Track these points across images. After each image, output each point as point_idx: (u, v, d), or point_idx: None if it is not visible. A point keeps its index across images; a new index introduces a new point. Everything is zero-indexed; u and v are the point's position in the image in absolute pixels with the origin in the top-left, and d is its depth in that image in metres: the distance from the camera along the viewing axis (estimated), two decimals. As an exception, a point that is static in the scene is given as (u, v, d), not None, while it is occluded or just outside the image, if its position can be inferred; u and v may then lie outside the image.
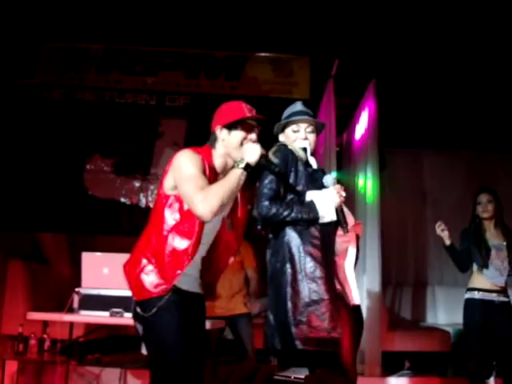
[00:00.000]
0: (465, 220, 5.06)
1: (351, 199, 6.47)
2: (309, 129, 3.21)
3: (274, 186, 3.02)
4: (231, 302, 5.30)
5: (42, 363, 5.12)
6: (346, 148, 7.23)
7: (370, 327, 5.78)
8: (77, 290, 4.64)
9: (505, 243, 4.88)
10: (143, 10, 6.60)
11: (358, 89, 6.52)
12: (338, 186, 3.09)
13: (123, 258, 4.62)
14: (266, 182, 3.04)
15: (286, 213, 2.97)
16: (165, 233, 2.78)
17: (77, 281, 4.80)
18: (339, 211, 3.05)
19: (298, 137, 3.19)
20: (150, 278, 2.78)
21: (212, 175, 2.76)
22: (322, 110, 6.37)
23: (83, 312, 4.57)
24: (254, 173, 2.85)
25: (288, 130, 3.25)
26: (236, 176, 2.65)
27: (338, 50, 6.47)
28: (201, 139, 3.00)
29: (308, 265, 2.97)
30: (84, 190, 7.11)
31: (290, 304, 2.95)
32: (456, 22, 6.19)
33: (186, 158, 2.75)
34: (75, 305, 4.60)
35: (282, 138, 3.29)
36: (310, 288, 2.94)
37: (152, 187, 7.12)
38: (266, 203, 2.99)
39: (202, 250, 2.87)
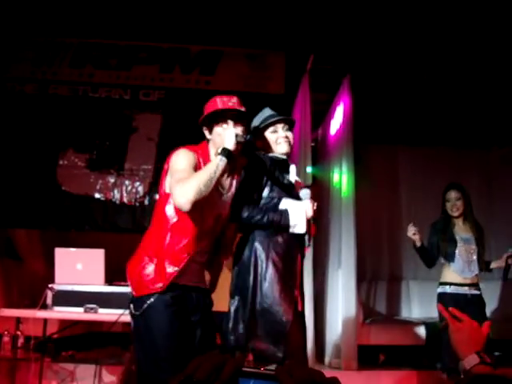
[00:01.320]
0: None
1: (326, 194, 6.49)
2: (285, 127, 3.27)
3: (248, 191, 3.05)
4: None
5: (15, 360, 5.07)
6: (322, 143, 7.24)
7: (346, 321, 5.82)
8: (50, 286, 4.60)
9: (474, 237, 4.95)
10: (117, 3, 6.55)
11: (333, 84, 6.53)
12: (312, 201, 3.13)
13: (97, 253, 4.65)
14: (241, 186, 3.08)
15: (258, 217, 3.02)
16: (165, 231, 2.84)
17: (50, 277, 4.76)
18: (308, 225, 3.10)
19: (279, 136, 3.24)
20: (150, 275, 2.81)
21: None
22: (297, 105, 6.37)
23: (57, 308, 4.54)
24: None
25: (266, 134, 3.29)
26: (214, 164, 2.70)
27: (313, 45, 6.46)
28: (175, 134, 3.05)
29: (269, 272, 3.00)
30: (57, 186, 7.03)
31: (242, 305, 3.02)
32: (431, 16, 6.22)
33: (177, 155, 2.83)
34: (49, 301, 4.56)
35: (259, 143, 3.32)
36: (266, 294, 2.97)
37: (127, 182, 7.07)
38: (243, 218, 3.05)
39: (202, 244, 2.92)
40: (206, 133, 2.96)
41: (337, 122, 6.43)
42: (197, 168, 2.82)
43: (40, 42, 7.28)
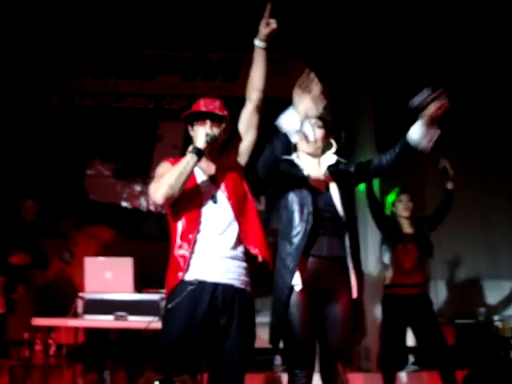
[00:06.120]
0: (463, 212, 5.09)
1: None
2: (317, 123, 3.26)
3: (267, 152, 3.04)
4: None
5: (48, 368, 5.14)
6: (345, 146, 7.23)
7: (373, 323, 5.80)
8: (80, 294, 4.66)
9: None
10: (139, 14, 6.63)
11: (354, 88, 6.53)
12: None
13: (125, 261, 4.70)
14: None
15: (267, 151, 3.01)
16: (174, 230, 2.95)
17: (81, 286, 4.83)
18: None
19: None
20: (172, 268, 2.91)
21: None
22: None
23: (87, 316, 4.59)
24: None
25: None
26: (184, 161, 2.88)
27: (333, 50, 6.48)
28: (199, 141, 3.08)
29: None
30: (85, 195, 7.15)
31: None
32: (451, 22, 6.21)
33: (158, 167, 3.05)
34: (79, 309, 4.62)
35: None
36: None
37: (153, 190, 7.14)
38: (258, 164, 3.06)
39: (217, 238, 2.91)
40: (190, 129, 3.12)
41: (358, 125, 6.44)
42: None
43: (64, 55, 7.39)
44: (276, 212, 3.20)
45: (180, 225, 2.93)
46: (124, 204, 7.16)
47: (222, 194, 2.98)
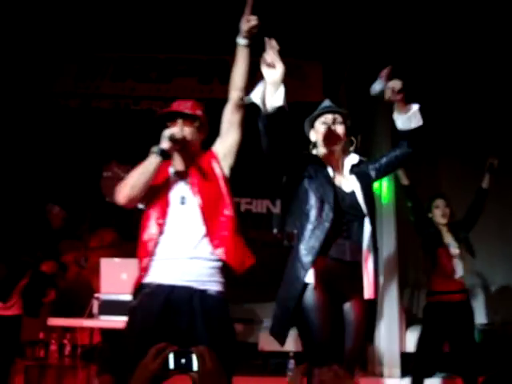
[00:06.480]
0: (480, 223, 5.06)
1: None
2: (338, 120, 3.23)
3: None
4: None
5: (62, 368, 5.17)
6: (363, 148, 7.22)
7: (389, 328, 5.79)
8: (96, 295, 4.69)
9: None
10: (156, 17, 6.66)
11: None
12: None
13: (141, 263, 4.71)
14: None
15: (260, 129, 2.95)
16: (140, 235, 2.97)
17: (96, 286, 4.86)
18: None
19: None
20: (138, 268, 2.89)
21: (163, 172, 3.00)
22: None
23: (103, 317, 4.62)
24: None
25: (317, 124, 3.26)
26: (147, 162, 2.94)
27: (350, 54, 6.47)
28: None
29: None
30: (102, 197, 7.18)
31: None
32: (465, 27, 6.20)
33: None
34: (95, 310, 4.65)
35: (312, 135, 3.29)
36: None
37: (169, 193, 7.16)
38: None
39: (179, 240, 2.83)
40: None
41: (375, 128, 6.43)
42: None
43: (82, 58, 7.45)
44: (291, 216, 3.14)
45: (146, 225, 2.92)
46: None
47: (192, 196, 2.90)
